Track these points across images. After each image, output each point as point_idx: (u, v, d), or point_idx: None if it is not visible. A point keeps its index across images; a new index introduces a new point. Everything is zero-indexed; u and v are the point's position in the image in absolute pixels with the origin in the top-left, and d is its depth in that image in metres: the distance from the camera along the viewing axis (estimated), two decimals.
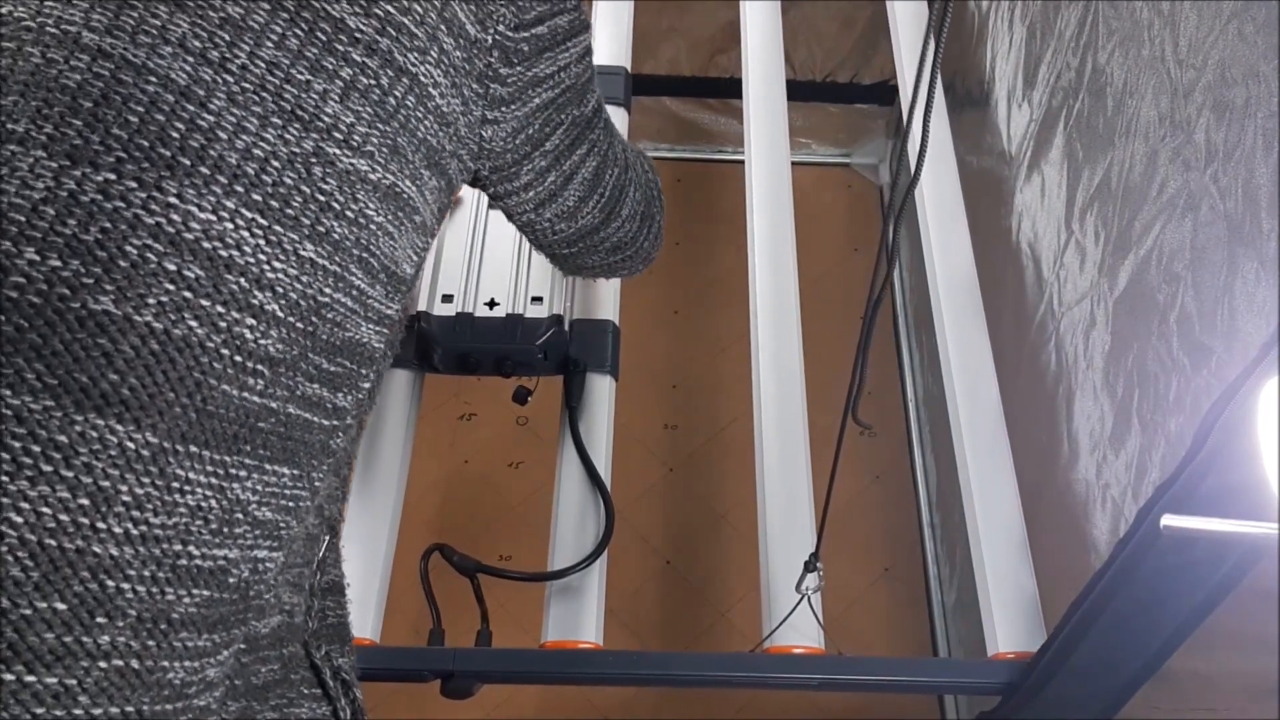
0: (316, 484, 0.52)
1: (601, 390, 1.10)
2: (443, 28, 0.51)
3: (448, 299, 1.06)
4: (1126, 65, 0.97)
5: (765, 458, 1.07)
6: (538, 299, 1.06)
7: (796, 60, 2.01)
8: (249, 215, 0.44)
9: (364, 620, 0.94)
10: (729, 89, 2.02)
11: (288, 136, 0.45)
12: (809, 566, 0.94)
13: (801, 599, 0.95)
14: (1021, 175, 1.25)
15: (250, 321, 0.45)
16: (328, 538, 0.62)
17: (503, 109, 0.57)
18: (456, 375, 1.07)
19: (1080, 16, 1.09)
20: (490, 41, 0.54)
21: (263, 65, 0.45)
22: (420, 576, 0.98)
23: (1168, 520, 0.65)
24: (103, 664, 0.43)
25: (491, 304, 1.06)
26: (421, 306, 1.06)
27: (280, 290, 0.46)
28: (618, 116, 1.29)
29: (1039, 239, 1.18)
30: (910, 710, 1.62)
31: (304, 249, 0.46)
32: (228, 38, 0.44)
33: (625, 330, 1.14)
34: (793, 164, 1.32)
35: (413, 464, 1.79)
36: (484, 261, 1.09)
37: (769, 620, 0.97)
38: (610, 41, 1.38)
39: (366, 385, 0.54)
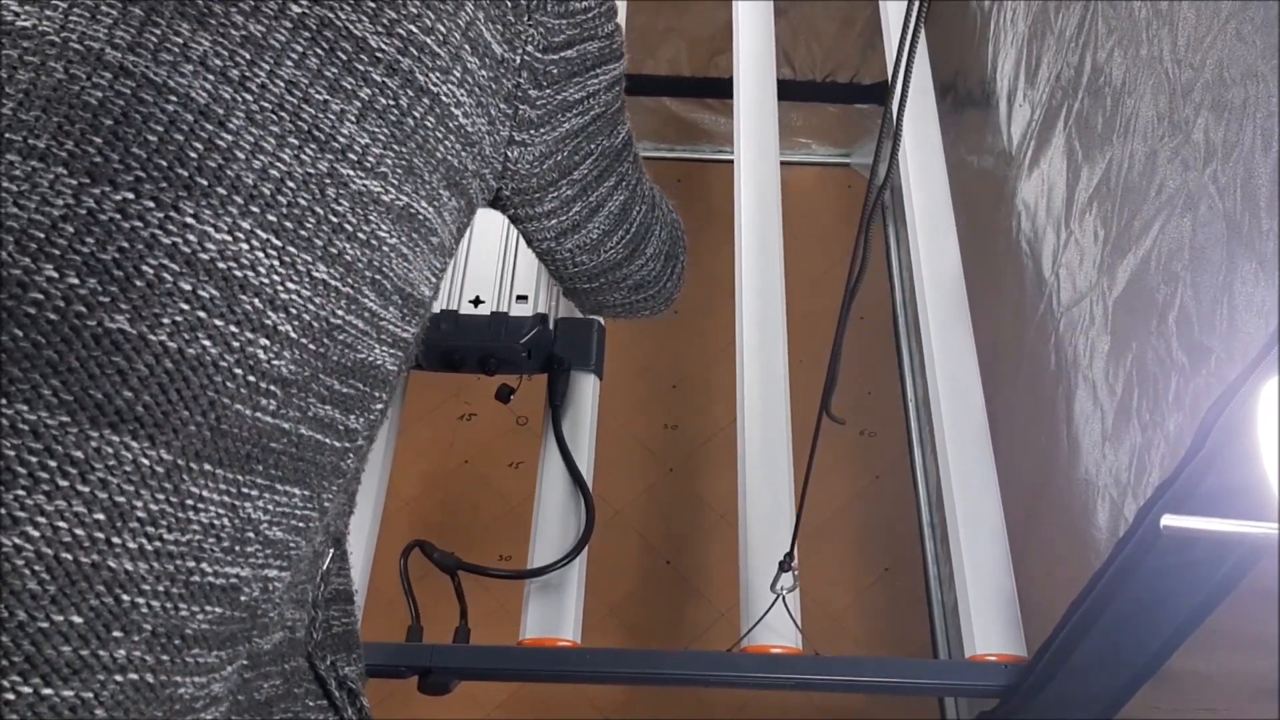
0: (326, 504, 0.52)
1: (585, 389, 1.10)
2: (466, 47, 0.50)
3: None
4: (1125, 64, 0.97)
5: (747, 458, 1.07)
6: (523, 297, 1.06)
7: (796, 60, 2.01)
8: (264, 236, 0.45)
9: None
10: (728, 89, 2.02)
11: (303, 157, 0.45)
12: (783, 566, 0.94)
13: (776, 599, 0.95)
14: (1022, 174, 1.25)
15: (264, 342, 0.45)
16: (330, 550, 0.62)
17: (531, 131, 0.57)
18: (439, 372, 1.07)
19: (1080, 16, 1.09)
20: (519, 62, 0.54)
21: (282, 84, 0.45)
22: (400, 573, 0.98)
23: (1168, 520, 0.64)
24: (119, 678, 0.43)
25: (476, 301, 1.06)
26: None
27: (293, 311, 0.46)
28: None
29: (1038, 238, 1.18)
30: (911, 709, 1.62)
31: (317, 270, 0.47)
32: (248, 56, 0.44)
33: (625, 330, 1.14)
34: (792, 164, 1.32)
35: (413, 463, 1.80)
36: (469, 259, 1.09)
37: (747, 620, 0.97)
38: None
39: (379, 407, 0.53)
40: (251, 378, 0.45)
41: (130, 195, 0.42)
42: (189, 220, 0.43)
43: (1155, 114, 0.90)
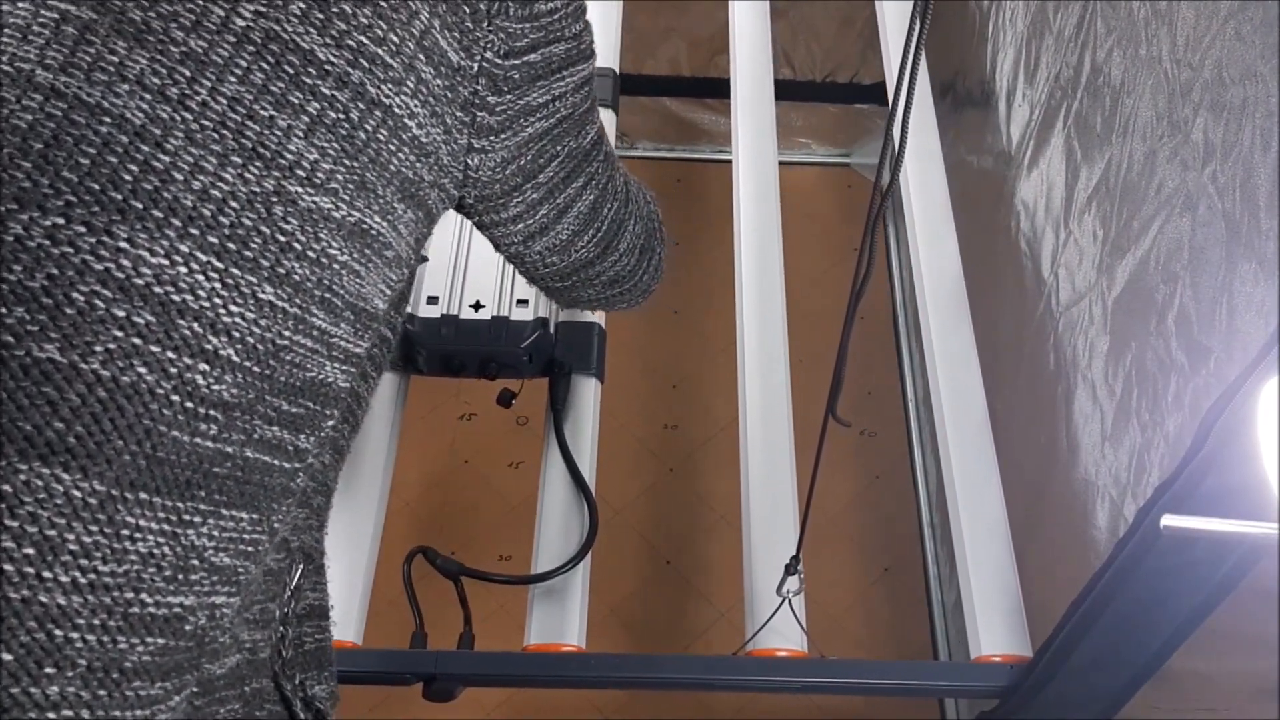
0: (276, 525, 0.51)
1: (587, 393, 1.10)
2: (421, 57, 0.49)
3: (433, 301, 1.06)
4: (1124, 64, 0.97)
5: (750, 460, 1.07)
6: (523, 301, 1.06)
7: (796, 60, 2.01)
8: (204, 258, 0.43)
9: (346, 623, 0.94)
10: (728, 89, 2.03)
11: (248, 175, 0.44)
12: (790, 569, 0.94)
13: (782, 602, 0.95)
14: (1021, 174, 1.25)
15: (203, 367, 0.44)
16: (301, 565, 0.60)
17: (491, 138, 0.55)
18: (441, 377, 1.07)
19: (1079, 15, 1.09)
20: (476, 69, 0.52)
21: (224, 101, 0.43)
22: (403, 579, 0.98)
23: (1168, 520, 0.64)
24: (51, 715, 0.42)
25: (477, 306, 1.06)
26: (406, 309, 1.07)
27: (236, 335, 0.45)
28: (605, 119, 1.29)
29: (1038, 238, 1.18)
30: (911, 710, 1.62)
31: (263, 292, 0.45)
32: (188, 73, 0.43)
33: (625, 330, 1.14)
34: (792, 164, 1.32)
35: (414, 464, 1.80)
36: (470, 264, 1.09)
37: (752, 623, 0.97)
38: (599, 42, 1.38)
39: (331, 423, 0.52)
40: (190, 404, 0.44)
41: (60, 220, 0.41)
42: (123, 245, 0.42)
43: (1154, 114, 0.90)
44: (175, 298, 0.43)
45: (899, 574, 1.73)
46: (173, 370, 0.43)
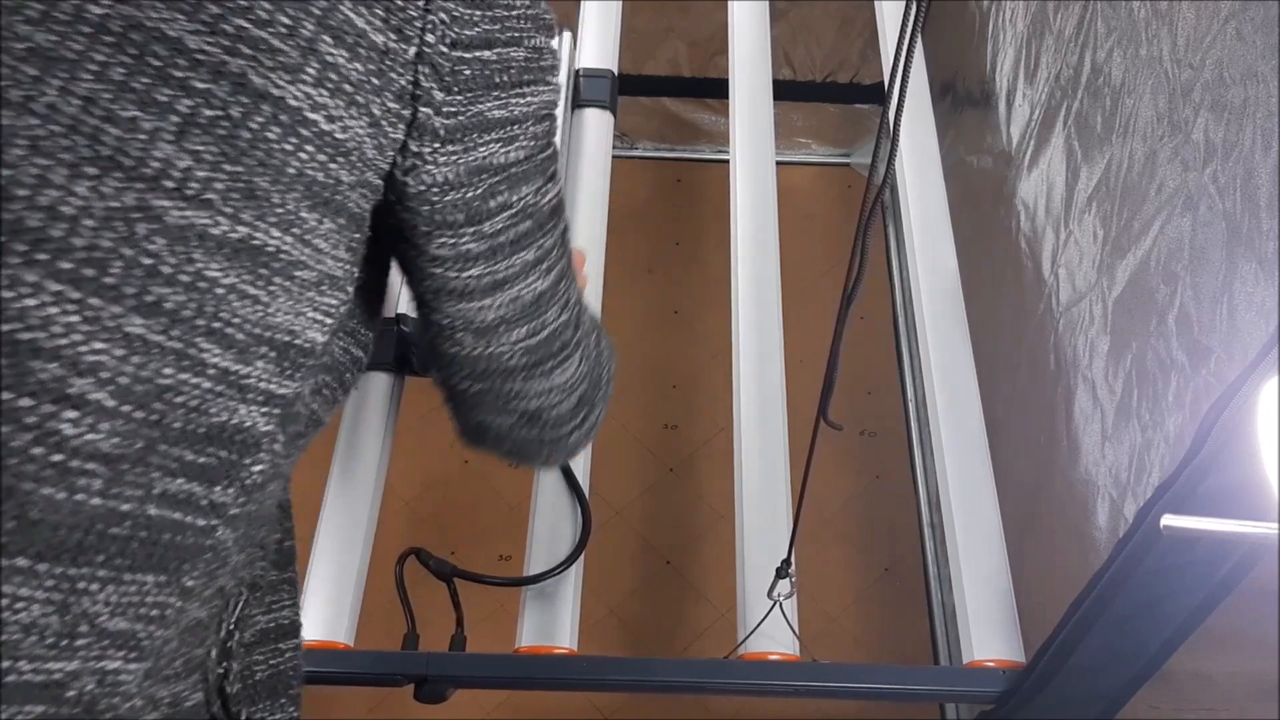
0: (190, 584, 0.46)
1: None
2: (326, 39, 0.42)
3: None
4: (1125, 64, 0.97)
5: (744, 462, 1.07)
6: None
7: (796, 61, 2.01)
8: (56, 288, 0.38)
9: (338, 625, 0.94)
10: (728, 90, 2.03)
11: (104, 189, 0.38)
12: (780, 573, 0.94)
13: (773, 606, 0.95)
14: (1021, 174, 1.25)
15: (70, 414, 0.39)
16: (245, 594, 0.55)
17: (436, 144, 0.47)
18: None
19: (1079, 15, 1.09)
20: (413, 54, 0.45)
21: (76, 103, 0.37)
22: (395, 581, 0.98)
23: (1168, 520, 0.64)
24: None
25: None
26: (401, 309, 1.07)
27: (105, 376, 0.39)
28: (604, 120, 1.29)
29: (1038, 238, 1.18)
30: (911, 709, 1.62)
31: (131, 325, 0.40)
32: (34, 72, 0.37)
33: (625, 330, 1.14)
34: (792, 164, 1.32)
35: (413, 464, 1.80)
36: None
37: (744, 626, 0.97)
38: (598, 44, 1.38)
39: (258, 469, 0.47)
40: (58, 457, 0.39)
41: None
42: None
43: (1155, 114, 0.90)
44: (25, 335, 0.38)
45: (898, 574, 1.72)
46: (30, 420, 0.38)
